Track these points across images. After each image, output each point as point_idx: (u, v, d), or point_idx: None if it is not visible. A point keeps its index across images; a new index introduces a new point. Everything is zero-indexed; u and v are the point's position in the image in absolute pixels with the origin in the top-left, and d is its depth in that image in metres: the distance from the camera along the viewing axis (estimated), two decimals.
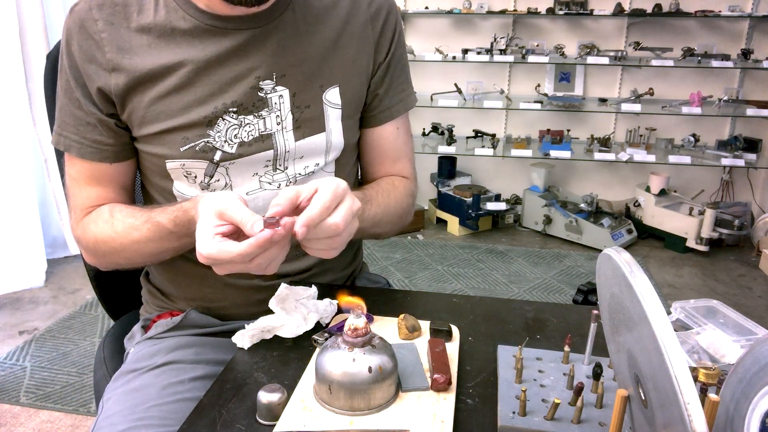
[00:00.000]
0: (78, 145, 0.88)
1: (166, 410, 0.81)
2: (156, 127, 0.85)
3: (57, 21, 2.87)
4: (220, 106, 0.85)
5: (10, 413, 1.90)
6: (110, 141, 0.88)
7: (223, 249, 0.69)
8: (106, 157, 0.89)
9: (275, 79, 0.86)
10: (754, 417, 0.49)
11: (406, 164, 1.06)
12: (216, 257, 0.69)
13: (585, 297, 2.59)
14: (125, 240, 0.86)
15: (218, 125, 0.85)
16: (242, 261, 0.69)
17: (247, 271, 0.71)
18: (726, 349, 0.76)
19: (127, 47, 0.83)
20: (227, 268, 0.71)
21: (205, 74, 0.84)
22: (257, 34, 0.84)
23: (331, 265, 1.02)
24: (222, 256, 0.69)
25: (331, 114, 0.91)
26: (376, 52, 0.95)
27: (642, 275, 0.47)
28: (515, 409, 0.63)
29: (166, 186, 0.91)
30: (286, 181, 0.91)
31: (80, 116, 0.87)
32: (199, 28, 0.83)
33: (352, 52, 0.92)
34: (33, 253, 2.77)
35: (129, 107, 0.85)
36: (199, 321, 0.96)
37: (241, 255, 0.68)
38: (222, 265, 0.71)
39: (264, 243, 0.68)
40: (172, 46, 0.83)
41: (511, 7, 3.50)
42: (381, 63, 0.96)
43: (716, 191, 3.64)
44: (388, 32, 0.96)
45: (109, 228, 0.87)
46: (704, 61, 3.20)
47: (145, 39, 0.83)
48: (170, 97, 0.84)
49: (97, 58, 0.83)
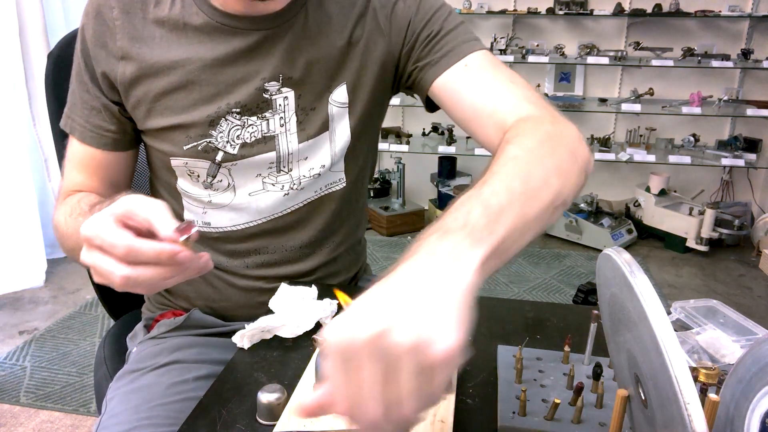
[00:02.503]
0: (81, 128, 0.88)
1: (171, 409, 0.81)
2: (161, 122, 0.85)
3: (57, 21, 2.87)
4: (224, 106, 0.84)
5: (10, 413, 1.90)
6: (112, 128, 0.88)
7: (113, 230, 0.55)
8: (105, 144, 0.88)
9: (281, 81, 0.85)
10: (754, 417, 0.49)
11: (513, 100, 0.77)
12: (99, 234, 0.55)
13: (585, 297, 2.59)
14: (71, 230, 0.78)
15: (221, 125, 0.85)
16: (125, 256, 0.54)
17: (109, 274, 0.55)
18: (726, 349, 0.76)
19: (139, 37, 0.83)
20: (97, 256, 0.56)
21: (212, 73, 0.83)
22: (268, 35, 0.83)
23: (336, 269, 1.01)
24: (106, 236, 0.55)
25: (336, 114, 0.89)
26: (392, 41, 0.88)
27: (642, 275, 0.47)
28: (515, 409, 0.63)
29: (171, 182, 0.91)
30: (290, 183, 0.90)
31: (87, 100, 0.87)
32: (210, 25, 0.83)
33: (362, 47, 0.88)
34: (33, 253, 2.77)
35: (134, 98, 0.85)
36: (201, 321, 0.96)
37: (130, 247, 0.54)
38: (94, 249, 0.56)
39: (167, 254, 0.54)
40: (182, 41, 0.83)
41: (511, 7, 3.50)
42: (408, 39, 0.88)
43: (716, 191, 3.64)
44: (399, 12, 0.88)
45: (68, 210, 0.80)
46: (704, 61, 3.20)
47: (157, 31, 0.83)
48: (176, 93, 0.84)
49: (108, 45, 0.83)
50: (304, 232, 0.95)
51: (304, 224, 0.94)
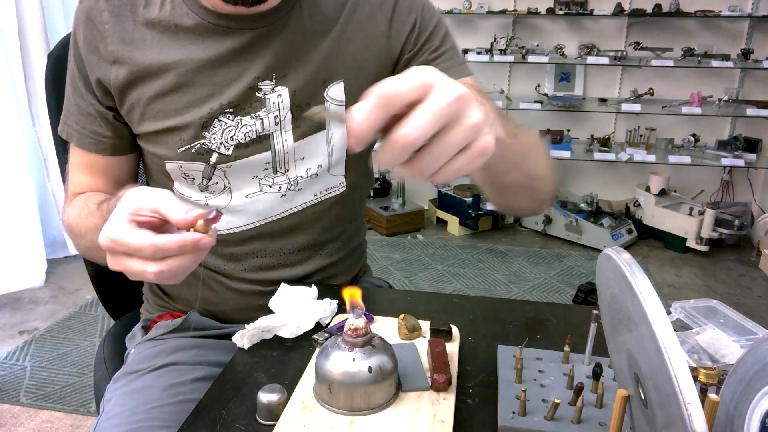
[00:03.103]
0: (78, 134, 0.88)
1: (168, 411, 0.80)
2: (155, 125, 0.84)
3: (57, 21, 2.87)
4: (217, 106, 0.84)
5: (10, 413, 1.90)
6: (108, 133, 0.87)
7: (134, 234, 0.57)
8: (103, 149, 0.88)
9: (275, 79, 0.84)
10: (754, 417, 0.49)
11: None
12: (121, 241, 0.57)
13: (585, 297, 2.60)
14: (83, 228, 0.81)
15: (214, 127, 0.84)
16: (152, 255, 0.57)
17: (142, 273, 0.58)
18: (726, 349, 0.76)
19: (129, 40, 0.82)
20: (126, 261, 0.58)
21: (205, 74, 0.83)
22: (260, 34, 0.83)
23: (335, 272, 1.01)
24: (129, 242, 0.57)
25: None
26: (392, 38, 0.89)
27: (642, 275, 0.47)
28: (515, 409, 0.63)
29: (168, 186, 0.91)
30: (287, 183, 0.89)
31: (82, 106, 0.87)
32: (202, 26, 0.82)
33: (358, 44, 0.87)
34: (33, 253, 2.77)
35: (128, 102, 0.84)
36: (199, 323, 0.95)
37: (155, 246, 0.56)
38: (120, 256, 0.58)
39: (190, 244, 0.56)
40: (174, 43, 0.82)
41: (511, 7, 3.50)
42: (408, 45, 0.89)
43: (716, 191, 3.64)
44: (400, 14, 0.88)
45: (77, 212, 0.83)
46: (704, 61, 3.20)
47: (148, 34, 0.82)
48: (169, 96, 0.83)
49: (100, 49, 0.83)
50: (302, 235, 0.94)
51: (303, 228, 0.94)
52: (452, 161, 0.47)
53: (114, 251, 0.58)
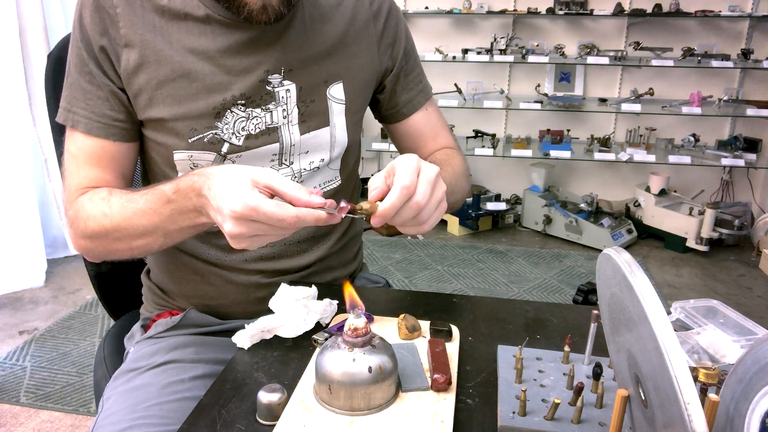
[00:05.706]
0: (86, 120, 0.86)
1: (166, 409, 0.81)
2: (163, 111, 0.84)
3: (57, 21, 2.87)
4: (229, 97, 0.85)
5: (10, 413, 1.90)
6: (120, 116, 0.86)
7: (275, 204, 0.65)
8: (113, 134, 0.86)
9: (283, 73, 0.87)
10: (754, 417, 0.49)
11: (446, 136, 1.07)
12: (263, 210, 0.64)
13: (585, 297, 2.59)
14: (118, 218, 0.80)
15: (226, 117, 0.86)
16: (292, 225, 0.65)
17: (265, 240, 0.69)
18: (726, 349, 0.76)
19: (140, 23, 0.83)
20: (255, 227, 0.66)
21: (214, 63, 0.84)
22: (267, 29, 0.85)
23: (332, 264, 1.02)
24: (272, 211, 0.64)
25: (335, 109, 0.93)
26: (381, 51, 0.97)
27: (642, 275, 0.47)
28: (515, 409, 0.63)
29: (170, 178, 0.90)
30: (291, 176, 0.92)
31: (91, 90, 0.86)
32: (212, 17, 0.84)
33: (355, 50, 0.94)
34: (33, 253, 2.77)
35: (136, 86, 0.84)
36: (198, 320, 0.96)
37: (298, 218, 0.65)
38: (250, 222, 0.66)
39: (323, 221, 0.67)
40: (183, 31, 0.84)
41: (511, 7, 3.50)
42: (389, 61, 0.98)
43: (716, 191, 3.64)
44: (390, 30, 0.98)
45: (105, 205, 0.82)
46: (704, 61, 3.20)
47: (157, 20, 0.84)
48: (178, 82, 0.84)
49: (111, 33, 0.83)
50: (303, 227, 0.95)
51: None
52: (435, 212, 0.73)
53: (249, 218, 0.65)
